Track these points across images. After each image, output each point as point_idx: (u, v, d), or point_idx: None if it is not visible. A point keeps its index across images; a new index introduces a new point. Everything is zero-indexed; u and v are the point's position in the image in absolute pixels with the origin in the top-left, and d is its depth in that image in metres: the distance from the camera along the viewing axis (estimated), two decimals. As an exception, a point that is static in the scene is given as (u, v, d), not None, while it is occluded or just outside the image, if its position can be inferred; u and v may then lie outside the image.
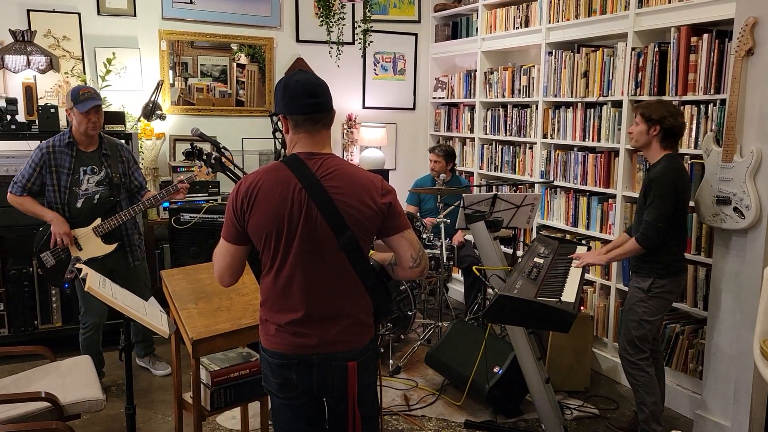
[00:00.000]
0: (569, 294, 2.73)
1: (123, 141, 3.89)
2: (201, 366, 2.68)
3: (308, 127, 1.93)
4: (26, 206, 3.50)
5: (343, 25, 4.63)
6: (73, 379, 2.91)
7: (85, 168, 3.54)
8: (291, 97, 1.91)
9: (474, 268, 3.22)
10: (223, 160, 3.18)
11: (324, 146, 1.96)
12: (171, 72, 5.09)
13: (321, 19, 4.61)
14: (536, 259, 3.18)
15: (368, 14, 4.63)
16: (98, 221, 3.53)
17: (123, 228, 3.66)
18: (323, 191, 1.86)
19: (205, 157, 3.13)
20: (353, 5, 5.36)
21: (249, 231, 1.92)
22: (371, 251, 2.04)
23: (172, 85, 5.11)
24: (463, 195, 3.98)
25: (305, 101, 1.90)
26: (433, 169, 4.94)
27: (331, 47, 4.65)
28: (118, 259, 3.68)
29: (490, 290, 4.12)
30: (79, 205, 3.52)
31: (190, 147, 3.21)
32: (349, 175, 1.91)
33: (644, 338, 3.16)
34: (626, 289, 3.94)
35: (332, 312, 1.93)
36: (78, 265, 2.41)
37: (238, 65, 5.32)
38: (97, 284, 2.30)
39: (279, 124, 1.99)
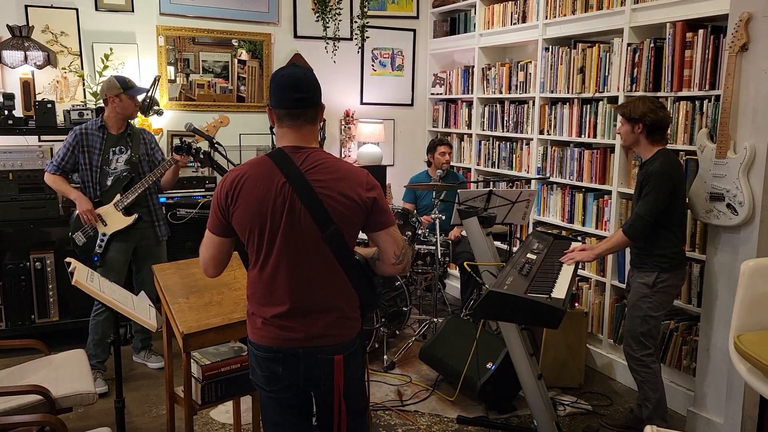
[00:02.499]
0: (560, 290, 2.72)
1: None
2: (192, 360, 2.69)
3: (289, 121, 1.93)
4: (57, 184, 3.76)
5: (340, 20, 4.63)
6: (65, 373, 2.92)
7: (114, 148, 3.79)
8: (275, 91, 1.92)
9: (465, 264, 3.22)
10: (214, 154, 3.20)
11: (310, 140, 1.97)
12: (173, 68, 5.10)
13: (317, 14, 4.61)
14: (529, 255, 3.17)
15: (365, 10, 4.63)
16: (118, 197, 3.75)
17: (149, 202, 3.90)
18: (307, 185, 1.86)
19: (194, 151, 3.15)
20: (351, 1, 5.35)
21: (234, 224, 1.93)
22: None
23: (174, 81, 5.12)
24: (459, 191, 3.98)
25: (287, 96, 1.91)
26: (447, 161, 4.96)
27: (327, 43, 4.65)
28: (146, 232, 3.90)
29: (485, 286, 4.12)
30: (109, 183, 3.77)
31: (179, 142, 3.23)
32: (333, 169, 1.91)
33: (649, 334, 3.17)
34: (622, 285, 3.95)
35: (318, 305, 1.94)
36: (67, 260, 2.43)
37: (239, 61, 5.33)
38: (85, 278, 2.31)
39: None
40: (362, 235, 2.07)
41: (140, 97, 3.89)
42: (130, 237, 3.82)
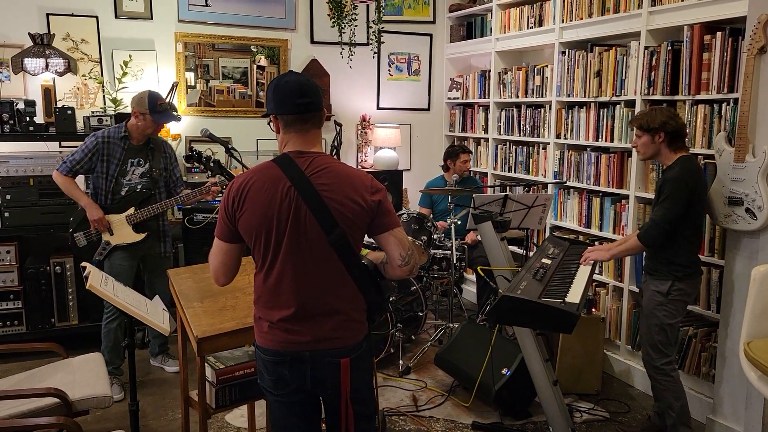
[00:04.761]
0: (574, 295, 2.69)
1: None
2: (206, 364, 2.71)
3: (298, 126, 1.95)
4: (67, 186, 3.70)
5: (356, 26, 4.64)
6: (82, 376, 2.96)
7: (132, 160, 3.76)
8: (281, 98, 1.93)
9: (479, 268, 3.21)
10: (223, 161, 3.25)
11: (314, 145, 1.98)
12: (192, 74, 5.16)
13: (333, 20, 4.63)
14: (544, 260, 3.15)
15: (381, 15, 4.64)
16: (132, 210, 3.74)
17: (159, 218, 3.90)
18: (312, 189, 1.88)
19: (204, 159, 3.19)
20: (367, 6, 5.37)
21: (240, 229, 1.95)
22: (366, 251, 2.05)
23: (193, 87, 5.17)
24: (474, 196, 3.97)
25: (295, 101, 1.92)
26: (468, 169, 5.01)
27: (343, 48, 4.67)
28: (152, 247, 3.91)
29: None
30: (123, 193, 3.75)
31: (189, 151, 3.28)
32: (338, 173, 1.93)
33: (667, 342, 3.12)
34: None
35: (323, 308, 1.95)
36: (82, 264, 2.46)
37: (258, 67, 5.37)
38: (99, 282, 2.34)
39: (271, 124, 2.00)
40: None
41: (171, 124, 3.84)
42: (137, 249, 3.82)
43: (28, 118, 4.18)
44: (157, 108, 3.64)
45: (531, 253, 4.43)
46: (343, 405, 1.97)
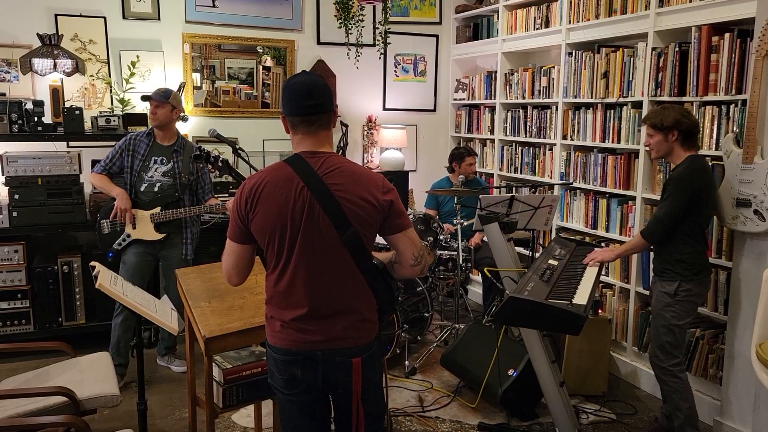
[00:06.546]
0: (581, 296, 2.70)
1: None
2: (214, 364, 2.71)
3: (304, 128, 1.96)
4: (101, 183, 3.86)
5: (363, 26, 4.64)
6: (90, 375, 2.97)
7: (156, 158, 3.88)
8: (288, 99, 1.94)
9: (485, 269, 3.21)
10: (237, 161, 3.24)
11: (324, 145, 1.99)
12: (198, 75, 5.17)
13: (340, 21, 4.63)
14: (551, 261, 3.16)
15: (387, 16, 4.63)
16: (158, 209, 3.82)
17: (183, 222, 3.94)
18: (325, 188, 1.88)
19: (212, 159, 3.19)
20: (374, 7, 5.37)
21: (253, 230, 1.95)
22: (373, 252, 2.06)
23: (199, 87, 5.19)
24: (480, 197, 3.97)
25: (300, 103, 1.93)
26: (473, 171, 5.01)
27: (349, 49, 4.67)
28: (173, 248, 3.93)
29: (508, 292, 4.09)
30: (142, 188, 3.85)
31: (198, 151, 3.29)
32: (350, 173, 1.93)
33: (675, 343, 3.11)
34: (646, 292, 3.90)
35: (336, 308, 1.95)
36: (92, 263, 2.47)
37: (264, 68, 5.38)
38: (108, 281, 2.35)
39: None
40: (380, 240, 2.08)
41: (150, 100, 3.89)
42: (153, 247, 3.88)
43: (36, 118, 4.21)
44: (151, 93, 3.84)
45: (537, 255, 4.44)
46: (354, 405, 1.97)
